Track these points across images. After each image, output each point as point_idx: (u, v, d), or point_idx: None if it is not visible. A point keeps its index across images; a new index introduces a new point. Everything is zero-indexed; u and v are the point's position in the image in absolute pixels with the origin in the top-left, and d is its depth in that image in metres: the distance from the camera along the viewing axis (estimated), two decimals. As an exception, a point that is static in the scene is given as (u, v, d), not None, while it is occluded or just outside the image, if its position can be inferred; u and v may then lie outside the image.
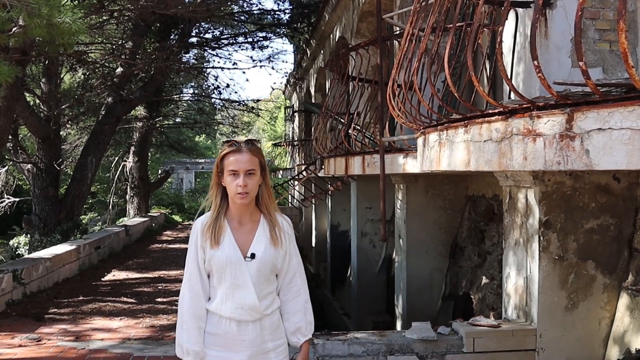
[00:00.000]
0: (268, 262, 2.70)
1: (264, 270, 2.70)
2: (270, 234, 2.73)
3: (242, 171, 2.62)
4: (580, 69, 2.30)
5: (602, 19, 4.55)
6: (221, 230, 2.69)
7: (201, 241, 2.71)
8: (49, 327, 6.93)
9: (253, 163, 2.66)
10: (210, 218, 2.72)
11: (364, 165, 7.12)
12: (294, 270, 2.82)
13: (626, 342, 4.34)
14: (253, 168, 2.65)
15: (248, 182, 2.63)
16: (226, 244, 2.68)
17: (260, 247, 2.70)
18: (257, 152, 2.70)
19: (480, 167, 3.19)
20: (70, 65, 15.30)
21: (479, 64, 5.35)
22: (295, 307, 2.81)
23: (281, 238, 2.75)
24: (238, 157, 2.65)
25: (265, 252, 2.70)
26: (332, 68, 8.80)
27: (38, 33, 5.85)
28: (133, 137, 21.63)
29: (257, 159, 2.69)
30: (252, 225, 2.75)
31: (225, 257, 2.67)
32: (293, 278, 2.82)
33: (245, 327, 2.69)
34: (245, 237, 2.73)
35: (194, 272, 2.73)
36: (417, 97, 4.06)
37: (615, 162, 2.40)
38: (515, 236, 4.83)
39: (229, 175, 2.65)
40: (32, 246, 13.44)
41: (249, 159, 2.65)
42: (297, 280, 2.83)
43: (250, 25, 19.16)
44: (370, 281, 9.53)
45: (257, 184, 2.69)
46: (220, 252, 2.67)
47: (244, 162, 2.64)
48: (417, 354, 4.54)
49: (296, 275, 2.83)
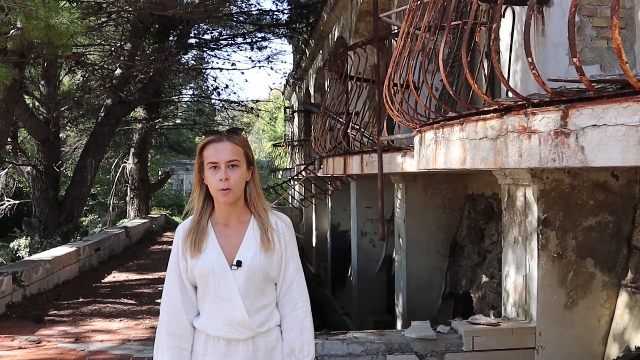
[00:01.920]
0: (258, 270, 2.35)
1: (254, 280, 2.35)
2: (261, 237, 2.38)
3: (223, 162, 2.29)
4: (574, 65, 2.30)
5: (599, 17, 4.54)
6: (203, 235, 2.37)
7: (182, 249, 2.39)
8: (49, 329, 6.93)
9: (236, 153, 2.32)
10: (192, 222, 2.40)
11: (362, 165, 7.11)
12: (291, 280, 2.45)
13: (626, 339, 4.34)
14: (236, 159, 2.31)
15: (231, 175, 2.29)
16: (209, 250, 2.35)
17: (249, 253, 2.36)
18: (240, 141, 2.36)
19: (476, 164, 3.18)
20: (69, 67, 15.32)
21: (477, 63, 5.34)
22: (291, 323, 2.44)
23: (274, 241, 2.39)
24: (218, 147, 2.31)
25: (254, 258, 2.35)
26: (330, 68, 8.80)
27: (35, 35, 5.86)
28: (133, 139, 21.62)
29: (241, 149, 2.35)
30: (240, 228, 2.41)
31: (207, 265, 2.33)
32: (289, 289, 2.45)
33: (235, 347, 2.35)
34: (231, 241, 2.38)
35: (173, 285, 2.41)
36: (414, 96, 4.05)
37: (610, 159, 2.40)
38: (514, 234, 4.83)
39: (209, 169, 2.32)
40: (32, 248, 13.44)
41: (230, 148, 2.31)
42: (294, 292, 2.45)
43: (248, 25, 19.15)
44: (370, 281, 9.53)
45: (242, 179, 2.34)
46: (201, 261, 2.34)
47: (225, 152, 2.30)
48: (416, 353, 4.53)
49: (293, 285, 2.45)
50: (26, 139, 17.60)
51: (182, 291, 2.40)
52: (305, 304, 2.46)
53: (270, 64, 19.50)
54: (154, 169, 31.59)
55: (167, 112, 24.37)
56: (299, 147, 20.61)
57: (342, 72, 8.15)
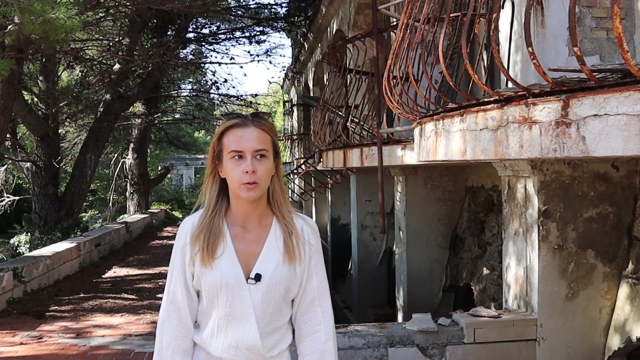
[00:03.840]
0: (280, 286, 1.96)
1: (273, 298, 1.96)
2: (285, 245, 1.98)
3: (250, 152, 1.89)
4: (575, 54, 2.28)
5: (599, 7, 4.52)
6: (218, 238, 1.96)
7: (190, 252, 1.97)
8: (50, 325, 6.94)
9: (264, 141, 1.93)
10: (203, 220, 1.98)
11: (362, 158, 7.10)
12: (313, 296, 2.04)
13: (627, 330, 4.33)
14: (264, 148, 1.92)
15: (258, 167, 1.90)
16: (223, 258, 1.95)
17: (270, 265, 1.96)
18: (269, 128, 1.96)
19: (476, 156, 3.17)
20: (67, 62, 15.31)
21: (476, 54, 5.32)
22: (310, 347, 2.04)
23: (300, 251, 2.01)
24: (243, 134, 1.91)
25: (276, 272, 1.96)
26: (329, 61, 8.78)
27: (32, 29, 5.84)
28: (132, 134, 21.64)
29: (269, 137, 1.96)
30: (261, 232, 2.00)
31: (220, 277, 1.94)
32: (311, 306, 2.05)
33: None
34: (250, 248, 1.98)
35: (180, 293, 2.00)
36: (414, 87, 4.03)
37: (611, 149, 2.38)
38: (514, 226, 4.82)
39: (230, 158, 1.92)
40: (33, 244, 13.45)
41: (258, 135, 1.92)
42: (317, 310, 2.04)
43: (247, 19, 19.11)
44: (371, 274, 9.54)
45: (269, 172, 1.95)
46: (214, 270, 1.95)
47: (253, 139, 1.91)
48: (417, 346, 4.53)
49: (315, 302, 2.04)
50: (25, 135, 17.58)
51: (190, 300, 2.01)
52: (329, 325, 2.06)
53: (269, 57, 19.55)
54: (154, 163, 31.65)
55: (166, 107, 24.34)
56: (298, 141, 20.61)
57: (341, 65, 8.13)
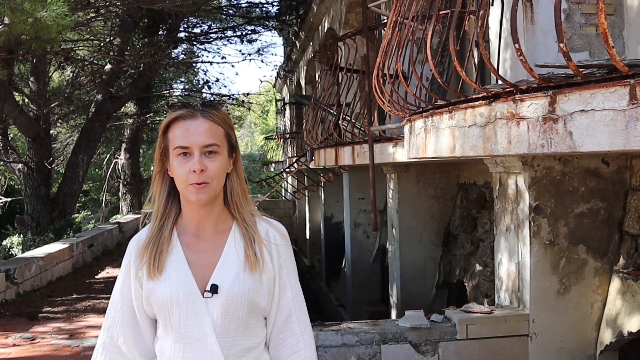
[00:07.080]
0: (242, 298, 1.69)
1: (235, 312, 1.69)
2: (246, 252, 1.72)
3: (198, 148, 1.65)
4: (561, 50, 2.29)
5: (588, 3, 4.53)
6: (165, 248, 1.71)
7: (135, 268, 1.73)
8: (43, 326, 6.93)
9: (214, 135, 1.68)
10: (150, 231, 1.74)
11: (353, 156, 7.11)
12: (289, 311, 1.79)
13: (618, 324, 4.35)
14: (215, 143, 1.67)
15: (208, 165, 1.65)
16: (172, 270, 1.69)
17: (229, 274, 1.69)
18: (221, 119, 1.71)
19: (465, 152, 3.18)
20: (58, 63, 15.23)
21: (467, 51, 5.33)
22: None
23: (264, 257, 1.74)
24: (190, 127, 1.66)
25: (236, 282, 1.69)
26: (320, 59, 8.78)
27: (22, 29, 5.82)
28: (124, 134, 21.57)
29: (222, 129, 1.70)
30: (218, 239, 1.75)
31: (170, 291, 1.67)
32: (287, 323, 1.80)
33: None
34: (205, 258, 1.72)
35: (121, 319, 1.76)
36: (403, 85, 4.04)
37: (598, 144, 2.39)
38: (506, 222, 4.83)
39: (176, 155, 1.68)
40: (25, 246, 13.42)
41: (207, 128, 1.67)
42: (294, 327, 1.82)
43: (238, 18, 19.07)
44: (364, 271, 9.56)
45: (223, 170, 1.69)
46: (163, 284, 1.68)
47: (201, 133, 1.66)
48: (410, 342, 4.54)
49: (292, 318, 1.80)
50: (17, 136, 17.51)
51: (132, 326, 1.76)
52: (309, 344, 1.87)
53: (261, 56, 19.47)
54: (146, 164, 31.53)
55: (158, 106, 24.27)
56: (290, 140, 20.60)
57: (332, 63, 8.13)
